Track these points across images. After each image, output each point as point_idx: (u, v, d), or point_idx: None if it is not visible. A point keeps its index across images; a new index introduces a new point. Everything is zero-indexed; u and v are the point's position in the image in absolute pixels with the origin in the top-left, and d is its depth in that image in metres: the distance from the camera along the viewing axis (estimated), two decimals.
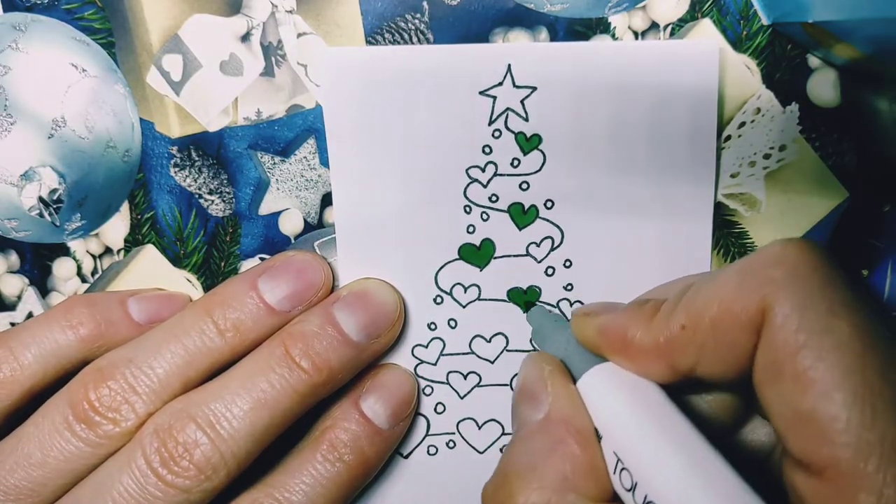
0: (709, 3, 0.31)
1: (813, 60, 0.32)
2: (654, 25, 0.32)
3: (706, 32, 0.32)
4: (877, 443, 0.20)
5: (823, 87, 0.32)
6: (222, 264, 0.34)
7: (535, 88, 0.31)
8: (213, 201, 0.33)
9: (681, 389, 0.26)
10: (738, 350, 0.23)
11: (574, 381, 0.27)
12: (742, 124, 0.32)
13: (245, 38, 0.32)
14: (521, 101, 0.31)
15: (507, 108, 0.31)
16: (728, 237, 0.33)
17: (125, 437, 0.28)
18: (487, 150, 0.32)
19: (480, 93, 0.31)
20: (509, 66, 0.31)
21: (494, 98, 0.31)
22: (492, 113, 0.32)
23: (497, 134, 0.32)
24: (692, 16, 0.32)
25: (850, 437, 0.20)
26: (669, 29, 0.32)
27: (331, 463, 0.30)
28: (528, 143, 0.32)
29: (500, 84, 0.31)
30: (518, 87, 0.31)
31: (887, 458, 0.19)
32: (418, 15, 0.32)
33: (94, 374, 0.29)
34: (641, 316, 0.25)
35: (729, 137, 0.32)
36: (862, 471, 0.20)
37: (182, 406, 0.28)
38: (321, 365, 0.29)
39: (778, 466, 0.24)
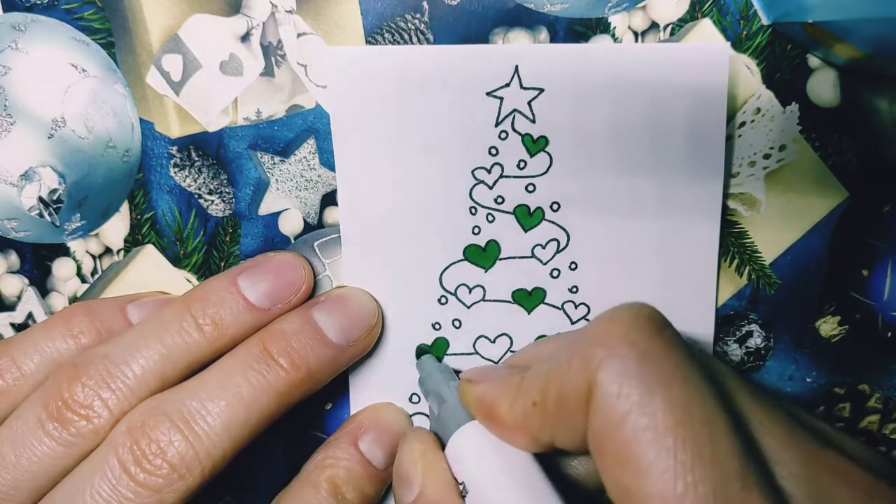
0: (709, 3, 0.32)
1: (813, 60, 0.32)
2: (653, 25, 0.32)
3: (706, 32, 0.32)
4: None
5: (823, 87, 0.32)
6: (222, 264, 0.34)
7: (542, 90, 0.31)
8: (212, 201, 0.33)
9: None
10: (581, 426, 0.23)
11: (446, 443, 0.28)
12: (742, 124, 0.32)
13: (245, 38, 0.32)
14: (529, 103, 0.31)
15: (514, 110, 0.31)
16: (728, 237, 0.33)
17: (98, 435, 0.28)
18: (494, 151, 0.32)
19: (487, 94, 0.31)
20: (517, 67, 0.31)
21: (501, 99, 0.31)
22: (498, 114, 0.31)
23: (504, 135, 0.32)
24: (692, 16, 0.32)
25: None
26: (669, 29, 0.32)
27: (336, 501, 0.30)
28: (535, 144, 0.32)
29: (508, 85, 0.31)
30: (525, 88, 0.31)
31: None
32: (418, 15, 0.32)
33: (69, 371, 0.28)
34: (508, 389, 0.26)
35: (729, 137, 0.32)
36: None
37: (156, 404, 0.28)
38: (299, 363, 0.29)
39: None
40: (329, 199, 0.33)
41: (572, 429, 0.24)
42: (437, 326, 0.33)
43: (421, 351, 0.33)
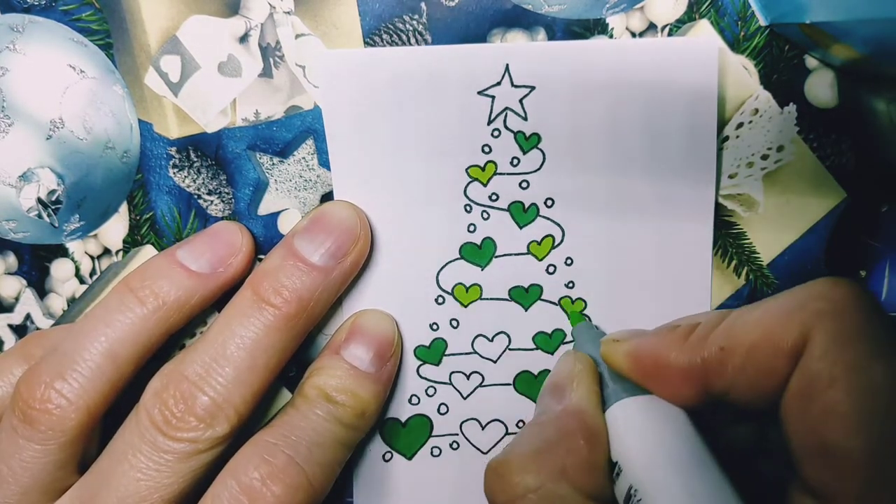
0: (707, 3, 0.32)
1: (811, 61, 0.32)
2: (651, 26, 0.32)
3: (704, 33, 0.32)
4: (891, 482, 0.21)
5: (821, 87, 0.32)
6: None
7: (533, 88, 0.31)
8: (212, 202, 0.33)
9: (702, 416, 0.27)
10: (773, 376, 0.23)
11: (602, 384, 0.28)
12: (740, 125, 0.32)
13: (243, 39, 0.32)
14: (520, 101, 0.31)
15: (506, 108, 0.32)
16: (726, 238, 0.33)
17: (66, 424, 0.28)
18: (487, 149, 0.32)
19: (479, 93, 0.31)
20: (507, 65, 0.31)
21: (493, 98, 0.31)
22: (491, 112, 0.32)
23: (496, 133, 0.32)
24: (690, 16, 0.32)
25: (866, 472, 0.21)
26: (667, 30, 0.32)
27: (332, 405, 0.30)
28: (528, 141, 0.32)
29: (499, 84, 0.31)
30: (516, 86, 0.31)
31: None
32: (416, 16, 0.32)
33: (27, 375, 0.29)
34: (675, 338, 0.26)
35: (727, 138, 0.32)
36: None
37: (173, 367, 0.29)
38: (290, 297, 0.29)
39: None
40: (328, 200, 0.33)
41: (760, 377, 0.24)
42: (434, 327, 0.33)
43: (578, 317, 0.33)
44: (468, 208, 0.32)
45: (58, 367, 0.29)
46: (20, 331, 0.34)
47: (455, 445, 0.34)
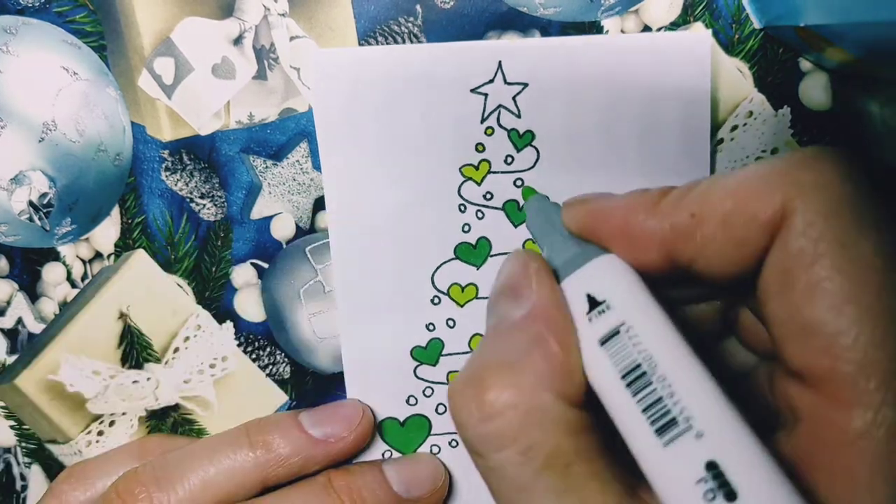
0: (701, 6, 0.32)
1: (804, 64, 0.32)
2: (646, 29, 0.32)
3: None
4: (883, 361, 0.19)
5: (815, 90, 0.32)
6: (213, 269, 0.33)
7: (526, 85, 0.31)
8: (204, 205, 0.33)
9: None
10: (746, 249, 0.21)
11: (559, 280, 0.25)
12: (734, 128, 0.32)
13: (237, 41, 0.32)
14: (513, 98, 0.31)
15: (499, 105, 0.32)
16: None
17: None
18: (481, 147, 0.32)
19: (472, 90, 0.31)
20: (500, 63, 0.31)
21: (486, 95, 0.31)
22: (484, 110, 0.32)
23: (490, 131, 0.32)
24: (685, 19, 0.32)
25: (856, 353, 0.19)
26: (662, 32, 0.32)
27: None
28: (521, 139, 0.32)
29: (492, 81, 0.31)
30: (509, 83, 0.31)
31: (891, 378, 0.19)
32: (411, 18, 0.32)
33: (130, 476, 0.31)
34: (644, 202, 0.23)
35: (721, 141, 0.32)
36: (862, 387, 0.19)
37: None
38: (357, 499, 0.31)
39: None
40: (321, 204, 0.33)
41: (731, 249, 0.22)
42: (431, 327, 0.33)
43: (529, 192, 0.32)
44: (462, 208, 0.32)
45: (160, 476, 0.30)
46: (11, 334, 0.34)
47: (454, 443, 0.34)
